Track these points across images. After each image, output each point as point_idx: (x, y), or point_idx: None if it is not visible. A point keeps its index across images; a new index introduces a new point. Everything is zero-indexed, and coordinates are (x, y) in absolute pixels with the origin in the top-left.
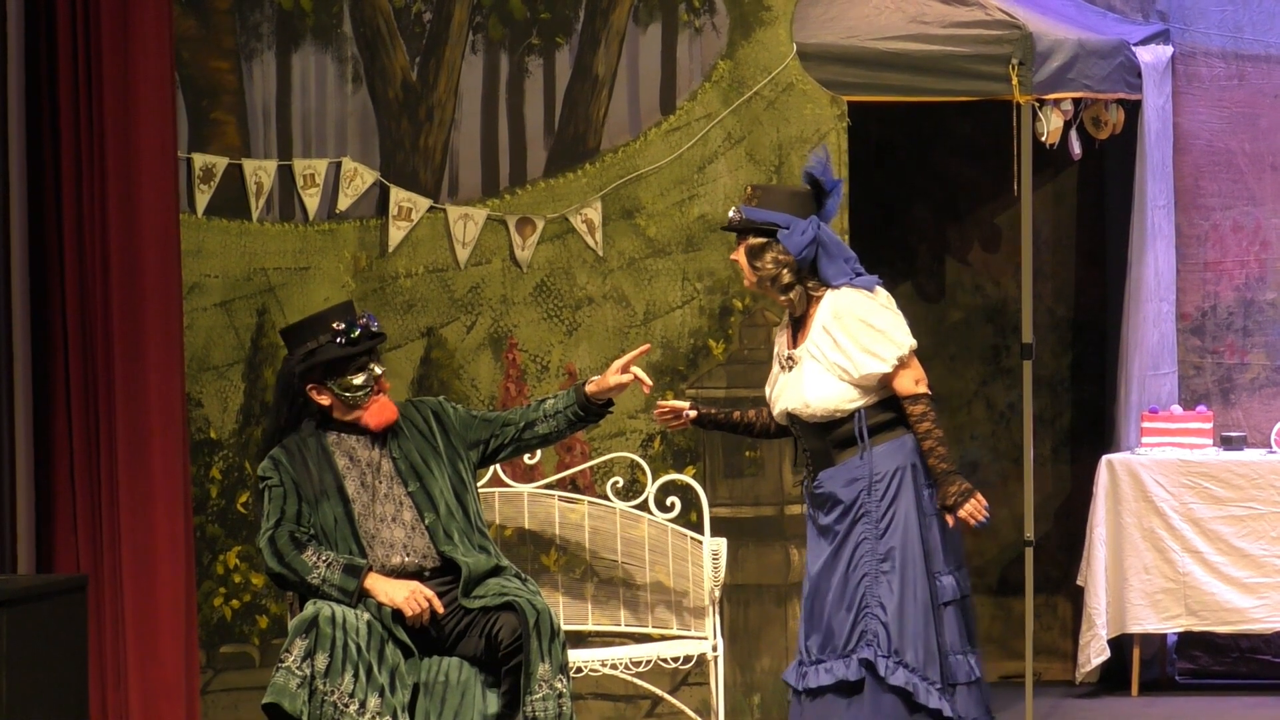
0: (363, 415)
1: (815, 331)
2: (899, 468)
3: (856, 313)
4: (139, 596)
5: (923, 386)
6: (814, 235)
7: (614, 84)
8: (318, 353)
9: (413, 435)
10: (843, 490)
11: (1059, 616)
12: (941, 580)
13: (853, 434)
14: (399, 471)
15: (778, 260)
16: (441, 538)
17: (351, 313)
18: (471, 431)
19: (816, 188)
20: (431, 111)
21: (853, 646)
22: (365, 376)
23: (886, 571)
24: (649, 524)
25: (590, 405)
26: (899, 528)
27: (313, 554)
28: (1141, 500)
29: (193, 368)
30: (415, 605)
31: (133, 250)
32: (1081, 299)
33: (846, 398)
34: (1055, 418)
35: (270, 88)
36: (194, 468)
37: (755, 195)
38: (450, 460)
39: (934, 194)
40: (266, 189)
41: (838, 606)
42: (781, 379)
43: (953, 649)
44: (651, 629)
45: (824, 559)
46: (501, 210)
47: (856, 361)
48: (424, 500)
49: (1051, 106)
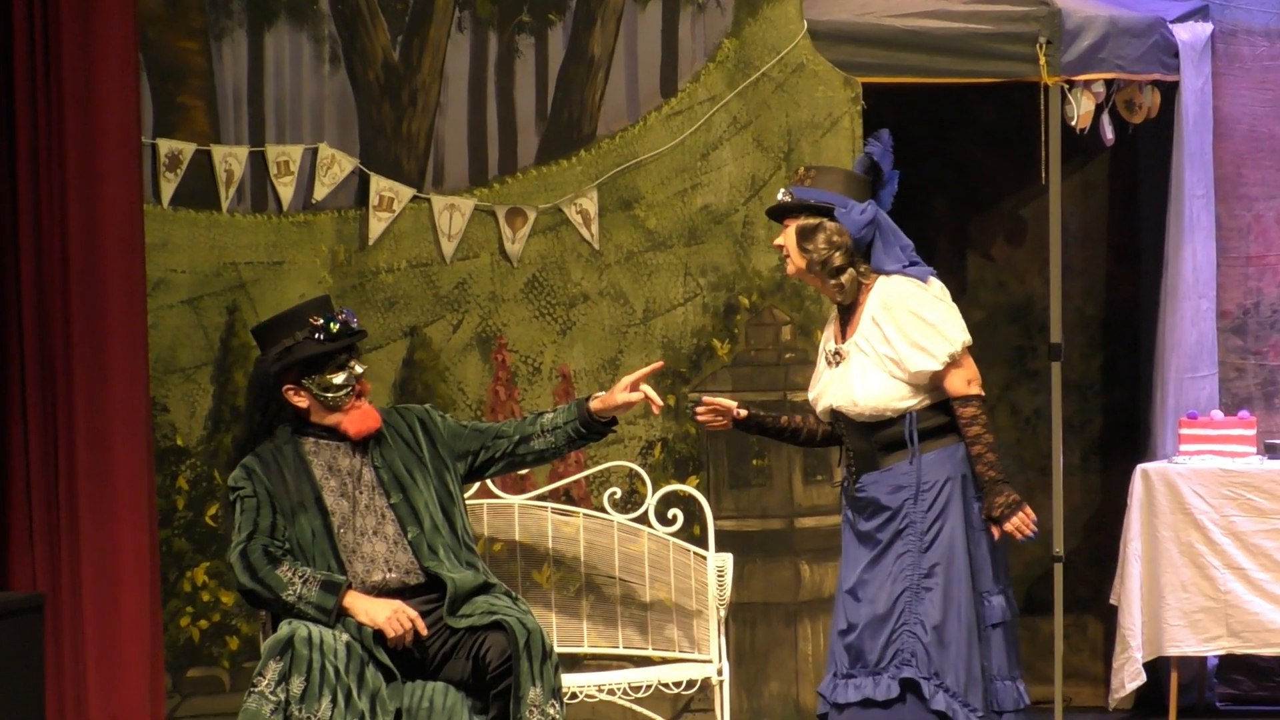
0: (342, 420)
1: (864, 324)
2: (949, 477)
3: (908, 304)
4: (100, 616)
5: (975, 387)
6: (873, 216)
7: (611, 65)
8: (294, 350)
9: (396, 444)
10: (887, 497)
11: (1090, 638)
12: (990, 600)
13: (902, 437)
14: (381, 482)
15: (831, 242)
16: (426, 553)
17: (329, 308)
18: (460, 442)
19: (874, 174)
20: (415, 95)
21: (885, 664)
22: (345, 376)
23: (929, 588)
24: (649, 538)
25: (593, 423)
26: (945, 542)
27: (288, 569)
28: (1179, 513)
29: (158, 370)
30: (398, 626)
31: (93, 244)
32: (1113, 296)
33: (897, 396)
34: (1085, 424)
35: (241, 69)
36: (159, 478)
37: (809, 175)
38: (436, 471)
39: (954, 184)
40: (237, 178)
41: (872, 620)
42: (827, 374)
43: (999, 674)
44: (652, 651)
45: (861, 567)
46: (490, 200)
47: (904, 357)
48: (407, 514)
49: (1081, 89)
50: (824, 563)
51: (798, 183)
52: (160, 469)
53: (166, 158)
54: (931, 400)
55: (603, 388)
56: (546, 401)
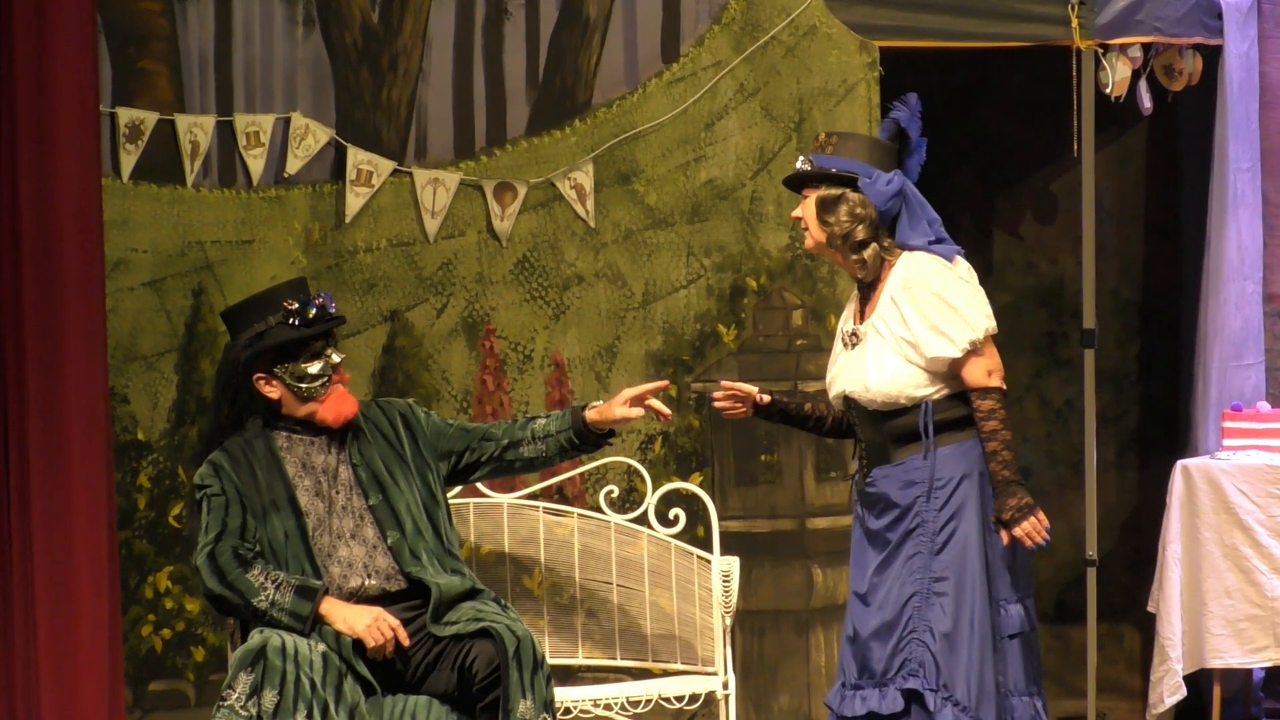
0: (318, 409)
1: (883, 303)
2: (965, 474)
3: (930, 284)
4: (54, 625)
5: (996, 379)
6: (899, 186)
7: (608, 28)
8: (266, 336)
9: (376, 440)
10: (898, 493)
11: (1126, 648)
12: (1007, 609)
13: (916, 428)
14: (359, 481)
15: (854, 214)
16: (408, 559)
17: (305, 290)
18: (444, 440)
19: (901, 141)
20: (395, 59)
21: (891, 674)
22: (321, 365)
23: (941, 593)
24: (649, 540)
25: (587, 434)
26: (959, 544)
27: (260, 573)
28: (1222, 512)
29: (117, 358)
30: (378, 635)
31: (46, 222)
32: (1151, 278)
33: (913, 383)
34: (1120, 416)
35: (208, 31)
36: (119, 474)
37: (830, 141)
38: (418, 471)
39: (979, 157)
40: (203, 150)
41: (879, 627)
42: (843, 357)
43: (1015, 689)
44: (652, 663)
45: (870, 570)
46: (477, 174)
47: (922, 341)
48: (387, 516)
49: (1117, 53)
50: (838, 566)
51: (818, 149)
52: (120, 465)
53: (126, 128)
54: (950, 390)
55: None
56: (538, 392)
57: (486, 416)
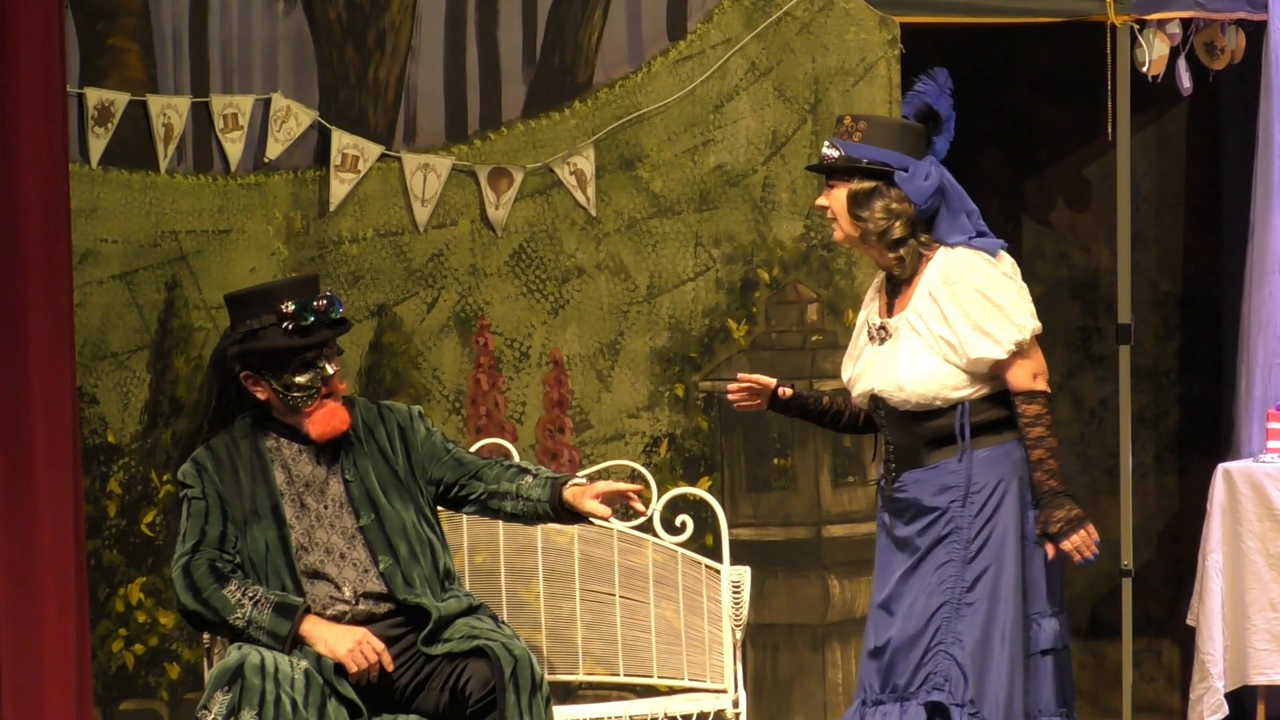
0: (304, 422)
1: (919, 298)
2: (1002, 479)
3: (973, 280)
4: (17, 642)
5: (1042, 382)
6: (939, 181)
7: (610, 2)
8: (257, 336)
9: (371, 453)
10: (932, 498)
11: (1164, 664)
12: (1041, 624)
13: (951, 431)
14: (350, 497)
15: (890, 210)
16: (401, 585)
17: (311, 292)
18: (436, 467)
19: (930, 121)
20: (383, 37)
21: (915, 688)
22: (311, 376)
23: (971, 603)
24: (654, 549)
25: (563, 511)
26: (993, 552)
27: (237, 588)
28: (1267, 519)
29: (85, 355)
30: (361, 660)
31: (10, 210)
32: (1191, 270)
33: (950, 384)
34: (1159, 417)
35: (182, 6)
36: (87, 480)
37: (859, 128)
38: (411, 491)
39: (1008, 140)
40: (177, 133)
41: (905, 638)
42: (868, 353)
43: (1046, 709)
44: (657, 680)
45: (896, 578)
46: (470, 159)
47: (964, 341)
48: (378, 538)
49: (1154, 30)
50: (856, 578)
51: (844, 136)
52: (88, 470)
53: (95, 110)
54: (989, 391)
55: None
56: (535, 392)
57: (480, 417)
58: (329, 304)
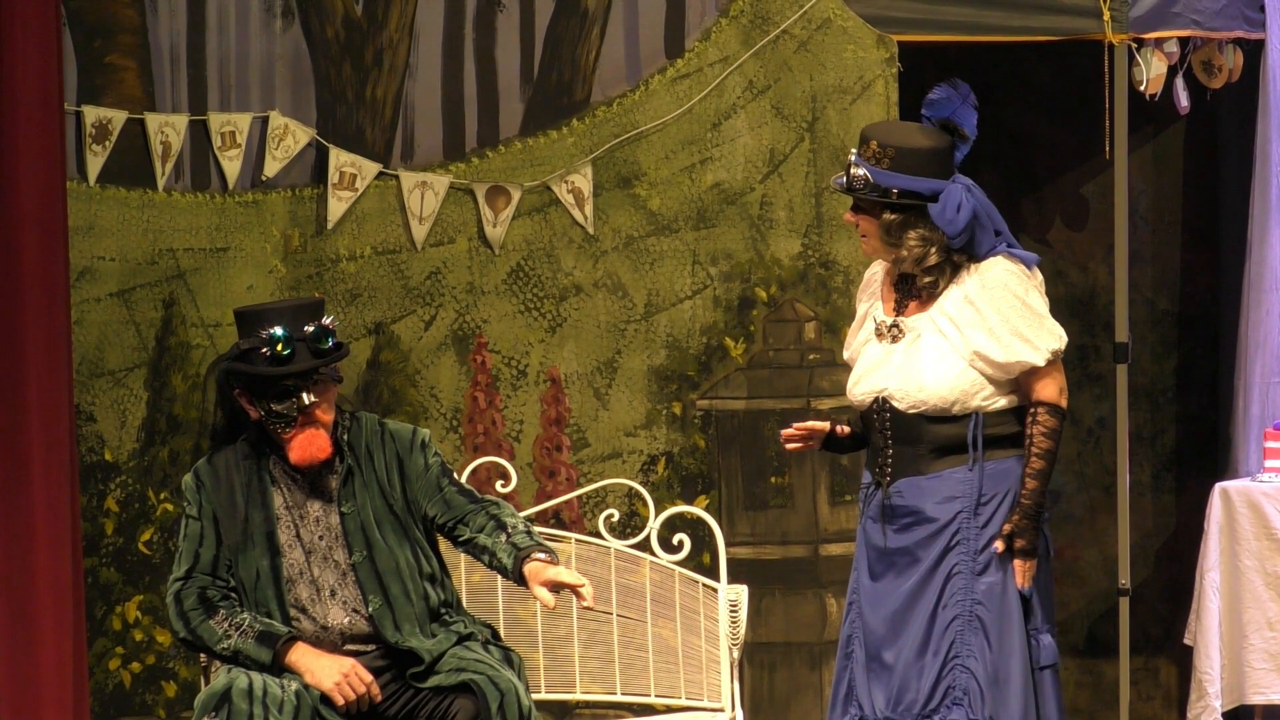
0: (286, 446)
1: (951, 301)
2: (1010, 491)
3: (1012, 287)
4: (14, 660)
5: (1065, 400)
6: (971, 211)
7: (607, 20)
8: (247, 357)
9: (370, 485)
10: (936, 507)
11: (1162, 683)
12: (1041, 639)
13: (963, 439)
14: (345, 532)
15: (925, 239)
16: (390, 629)
17: (306, 317)
18: (429, 503)
19: (951, 135)
20: (380, 54)
21: (935, 705)
22: (288, 405)
23: (983, 616)
24: (651, 567)
25: (524, 583)
26: (1000, 565)
27: (223, 619)
28: (1264, 539)
29: (83, 373)
30: (348, 691)
31: (8, 227)
32: (1189, 288)
33: (973, 390)
34: (1156, 436)
35: (180, 24)
36: (84, 497)
37: (887, 154)
38: (407, 526)
39: (1005, 157)
40: (175, 151)
41: (920, 653)
42: (875, 352)
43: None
44: (654, 699)
45: (904, 591)
46: (468, 177)
47: (1005, 345)
48: (369, 577)
49: (1152, 48)
50: None
51: (873, 161)
52: (85, 487)
53: (93, 128)
54: (1005, 404)
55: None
56: (532, 410)
57: (477, 435)
58: (317, 333)
